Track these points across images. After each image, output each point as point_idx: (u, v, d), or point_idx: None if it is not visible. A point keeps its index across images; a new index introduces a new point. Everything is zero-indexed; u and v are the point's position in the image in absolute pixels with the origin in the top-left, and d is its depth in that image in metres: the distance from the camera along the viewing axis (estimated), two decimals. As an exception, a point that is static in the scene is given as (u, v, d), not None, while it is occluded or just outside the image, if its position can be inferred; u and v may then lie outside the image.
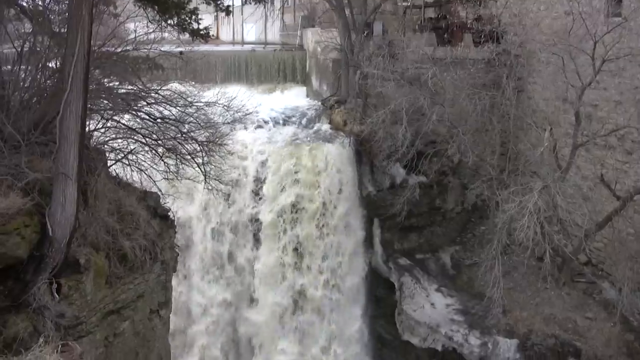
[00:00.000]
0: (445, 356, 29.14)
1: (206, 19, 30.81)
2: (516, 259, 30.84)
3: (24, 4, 20.47)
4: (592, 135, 28.04)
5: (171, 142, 21.10)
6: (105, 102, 20.58)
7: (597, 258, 29.46)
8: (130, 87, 21.37)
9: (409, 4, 42.53)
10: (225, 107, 22.94)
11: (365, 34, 35.90)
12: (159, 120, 20.91)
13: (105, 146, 20.54)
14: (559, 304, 28.40)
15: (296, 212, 31.44)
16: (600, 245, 28.98)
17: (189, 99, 22.08)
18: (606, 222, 27.24)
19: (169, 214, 22.58)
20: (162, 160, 21.46)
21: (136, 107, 20.73)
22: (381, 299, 33.25)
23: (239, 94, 23.74)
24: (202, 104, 22.28)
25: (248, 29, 53.28)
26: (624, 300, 25.60)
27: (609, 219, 27.06)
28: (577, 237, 28.03)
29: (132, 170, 21.21)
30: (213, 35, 43.11)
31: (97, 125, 20.23)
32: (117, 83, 21.57)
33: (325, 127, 34.70)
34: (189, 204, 30.56)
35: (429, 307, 30.14)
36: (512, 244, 30.14)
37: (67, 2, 18.37)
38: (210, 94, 24.15)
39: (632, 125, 26.72)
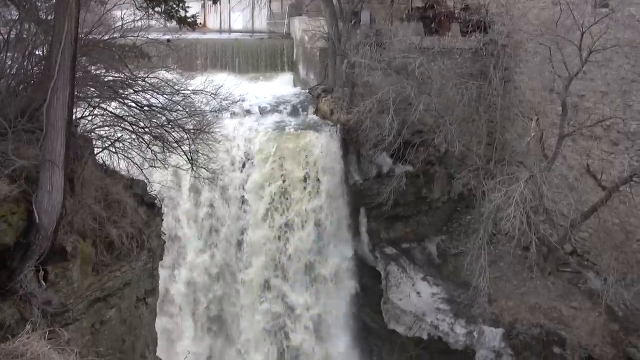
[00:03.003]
0: (431, 345, 29.35)
1: (194, 7, 30.65)
2: (502, 248, 31.06)
3: (11, -10, 20.29)
4: (578, 126, 28.17)
5: (158, 130, 21.01)
6: (93, 90, 20.43)
7: (582, 248, 29.64)
8: (117, 75, 21.22)
9: (397, -7, 42.48)
10: (213, 95, 22.85)
11: (352, 23, 35.88)
12: (146, 108, 20.79)
13: (93, 134, 20.36)
14: (544, 294, 28.60)
15: (284, 199, 31.47)
16: (585, 236, 29.18)
17: (176, 87, 21.98)
18: (592, 213, 27.42)
19: (155, 202, 22.52)
20: (149, 148, 21.37)
21: (123, 95, 20.61)
22: (367, 288, 33.33)
23: (226, 82, 23.63)
24: (189, 92, 22.18)
25: (235, 18, 52.91)
26: (609, 290, 25.79)
27: (594, 209, 27.24)
28: (563, 227, 28.22)
29: (119, 159, 21.11)
30: (200, 24, 42.91)
31: (84, 113, 20.07)
32: (104, 71, 21.42)
33: (312, 116, 34.63)
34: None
35: (415, 296, 30.28)
36: (499, 234, 30.42)
37: (54, -12, 18.24)
38: (197, 82, 24.05)
39: (618, 116, 26.89)
